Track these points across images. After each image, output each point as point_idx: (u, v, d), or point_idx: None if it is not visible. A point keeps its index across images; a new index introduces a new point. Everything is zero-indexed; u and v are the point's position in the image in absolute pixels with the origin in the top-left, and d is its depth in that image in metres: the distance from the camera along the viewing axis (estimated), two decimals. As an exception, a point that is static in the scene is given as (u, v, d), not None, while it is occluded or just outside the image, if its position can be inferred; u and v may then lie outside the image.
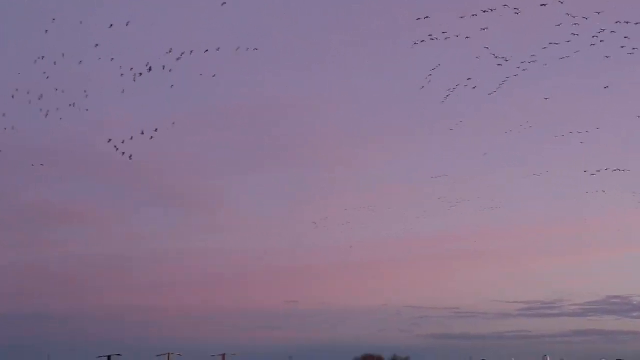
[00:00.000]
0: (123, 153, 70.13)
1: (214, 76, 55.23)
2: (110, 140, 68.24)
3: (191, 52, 69.44)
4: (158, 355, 77.17)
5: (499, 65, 74.26)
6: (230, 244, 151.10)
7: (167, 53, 59.52)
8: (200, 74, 55.72)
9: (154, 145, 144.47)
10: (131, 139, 69.25)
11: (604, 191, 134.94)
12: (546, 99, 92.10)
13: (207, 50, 69.77)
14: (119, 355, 73.47)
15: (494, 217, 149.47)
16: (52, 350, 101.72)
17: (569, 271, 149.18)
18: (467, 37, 69.93)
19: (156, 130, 68.89)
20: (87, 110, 67.59)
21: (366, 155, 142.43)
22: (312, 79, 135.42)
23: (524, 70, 74.74)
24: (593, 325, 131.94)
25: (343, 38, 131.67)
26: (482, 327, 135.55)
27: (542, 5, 65.98)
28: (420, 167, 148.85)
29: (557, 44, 72.69)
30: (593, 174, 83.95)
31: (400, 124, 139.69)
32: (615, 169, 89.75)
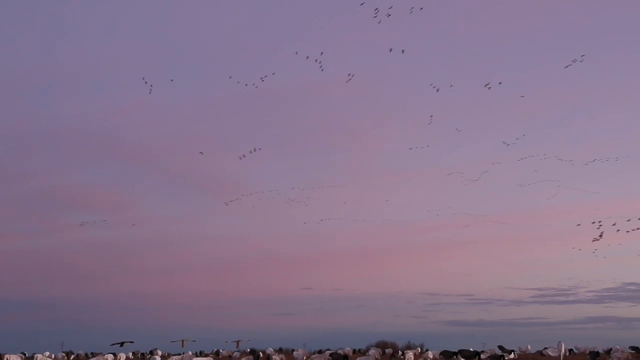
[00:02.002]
0: None
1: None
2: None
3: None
4: (172, 341, 77.45)
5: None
6: (246, 229, 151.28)
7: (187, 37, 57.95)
8: (217, 58, 54.81)
9: (170, 129, 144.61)
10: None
11: (620, 177, 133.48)
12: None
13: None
14: (131, 342, 73.74)
15: (508, 203, 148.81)
16: (66, 337, 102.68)
17: (584, 258, 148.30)
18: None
19: None
20: (103, 95, 66.66)
21: (382, 140, 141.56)
22: (331, 62, 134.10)
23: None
24: (608, 312, 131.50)
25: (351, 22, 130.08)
26: (497, 313, 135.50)
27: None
28: (438, 152, 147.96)
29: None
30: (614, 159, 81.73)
31: (423, 108, 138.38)
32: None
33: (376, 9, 54.43)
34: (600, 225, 57.54)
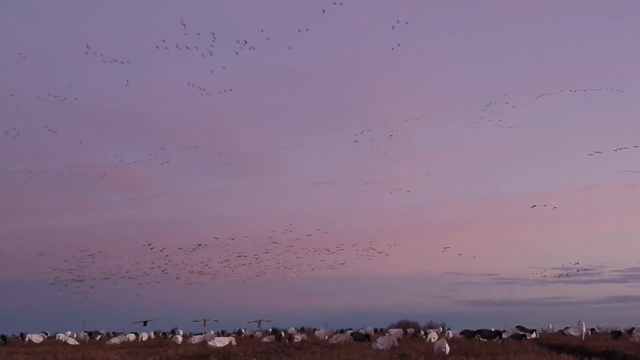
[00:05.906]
0: None
1: (267, 39, 53.71)
2: None
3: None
4: (194, 321, 78.53)
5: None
6: (278, 208, 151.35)
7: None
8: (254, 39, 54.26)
9: (208, 108, 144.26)
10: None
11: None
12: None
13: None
14: (152, 320, 74.71)
15: (532, 182, 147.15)
16: (88, 316, 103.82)
17: (610, 237, 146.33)
18: None
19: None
20: (133, 72, 66.12)
21: (417, 120, 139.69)
22: (371, 38, 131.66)
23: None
24: (632, 291, 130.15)
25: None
26: (521, 293, 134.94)
27: None
28: (468, 135, 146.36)
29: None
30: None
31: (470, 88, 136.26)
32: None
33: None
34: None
